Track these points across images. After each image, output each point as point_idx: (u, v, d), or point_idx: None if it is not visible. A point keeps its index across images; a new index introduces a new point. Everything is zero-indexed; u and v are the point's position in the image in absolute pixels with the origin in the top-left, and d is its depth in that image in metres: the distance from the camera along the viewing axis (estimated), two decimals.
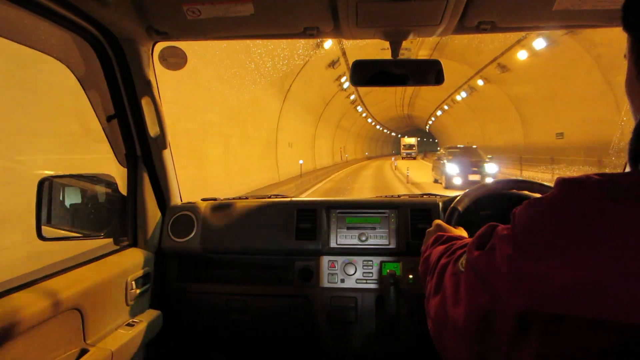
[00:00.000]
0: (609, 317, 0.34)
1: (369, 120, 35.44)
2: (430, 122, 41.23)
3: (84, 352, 1.02)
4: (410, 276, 1.31)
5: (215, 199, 1.56)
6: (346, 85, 16.63)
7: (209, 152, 8.21)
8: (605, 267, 0.35)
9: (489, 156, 12.53)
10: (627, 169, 0.44)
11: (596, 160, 10.41)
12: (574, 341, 0.36)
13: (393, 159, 35.06)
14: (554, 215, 0.40)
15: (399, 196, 1.53)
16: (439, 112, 29.64)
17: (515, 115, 16.50)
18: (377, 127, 45.55)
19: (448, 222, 1.11)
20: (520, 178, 1.19)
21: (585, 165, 11.06)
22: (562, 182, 0.41)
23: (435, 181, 13.71)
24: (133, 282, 1.25)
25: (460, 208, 1.14)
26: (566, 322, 0.36)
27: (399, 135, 65.04)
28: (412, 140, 45.23)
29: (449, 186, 11.54)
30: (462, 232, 1.01)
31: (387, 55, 1.23)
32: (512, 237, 0.44)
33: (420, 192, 1.69)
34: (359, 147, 41.65)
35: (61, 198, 1.25)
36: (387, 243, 1.37)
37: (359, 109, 25.95)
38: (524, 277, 0.40)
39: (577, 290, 0.36)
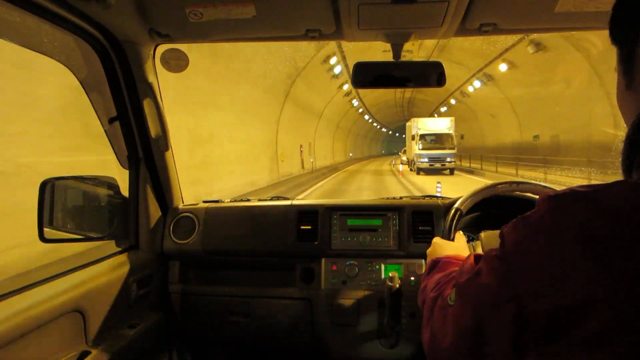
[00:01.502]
0: (604, 334, 0.34)
1: (354, 102, 21.11)
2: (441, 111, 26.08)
3: (85, 354, 1.02)
4: (412, 278, 1.31)
5: (217, 201, 1.56)
6: None
7: None
8: (596, 283, 0.35)
9: None
10: None
11: None
12: None
13: (400, 166, 19.59)
14: (543, 234, 0.40)
15: (400, 198, 1.53)
16: (471, 88, 15.94)
17: None
18: (366, 117, 31.11)
19: (450, 224, 1.11)
20: (522, 180, 1.18)
21: None
22: (548, 199, 0.41)
23: None
24: (135, 284, 1.25)
25: (463, 209, 1.14)
26: (561, 342, 0.36)
27: (390, 132, 47.72)
28: (441, 125, 18.06)
29: None
30: (461, 242, 1.01)
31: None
32: (502, 257, 0.44)
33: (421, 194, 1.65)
34: (339, 144, 26.74)
35: (63, 200, 1.25)
36: (389, 245, 1.37)
37: (336, 67, 12.88)
38: (514, 297, 0.40)
39: (570, 309, 0.35)
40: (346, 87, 16.68)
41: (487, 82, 15.08)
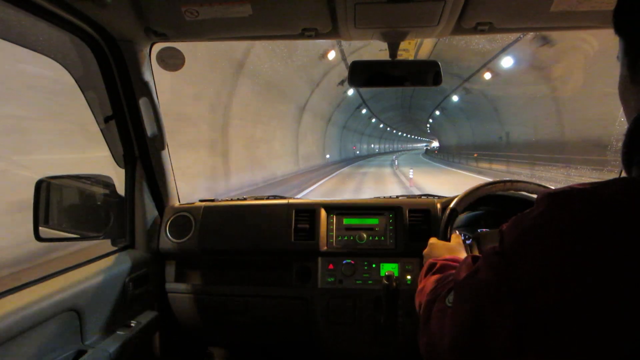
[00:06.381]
0: (603, 329, 0.34)
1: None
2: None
3: (81, 353, 1.01)
4: (409, 277, 1.31)
5: (213, 200, 1.56)
6: None
7: None
8: (595, 278, 0.35)
9: None
10: (623, 174, 0.44)
11: None
12: (570, 358, 0.35)
13: None
14: (542, 230, 0.40)
15: (397, 197, 1.54)
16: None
17: None
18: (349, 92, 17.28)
19: (446, 224, 1.11)
20: (517, 178, 1.19)
21: None
22: (547, 197, 0.41)
23: None
24: (131, 283, 1.25)
25: (458, 209, 1.14)
26: (561, 338, 0.36)
27: (373, 120, 33.12)
28: None
29: None
30: (457, 242, 1.02)
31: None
32: (501, 253, 0.44)
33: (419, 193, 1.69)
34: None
35: (59, 199, 1.24)
36: (386, 244, 1.37)
37: None
38: (515, 293, 0.40)
39: (570, 304, 0.35)
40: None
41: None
